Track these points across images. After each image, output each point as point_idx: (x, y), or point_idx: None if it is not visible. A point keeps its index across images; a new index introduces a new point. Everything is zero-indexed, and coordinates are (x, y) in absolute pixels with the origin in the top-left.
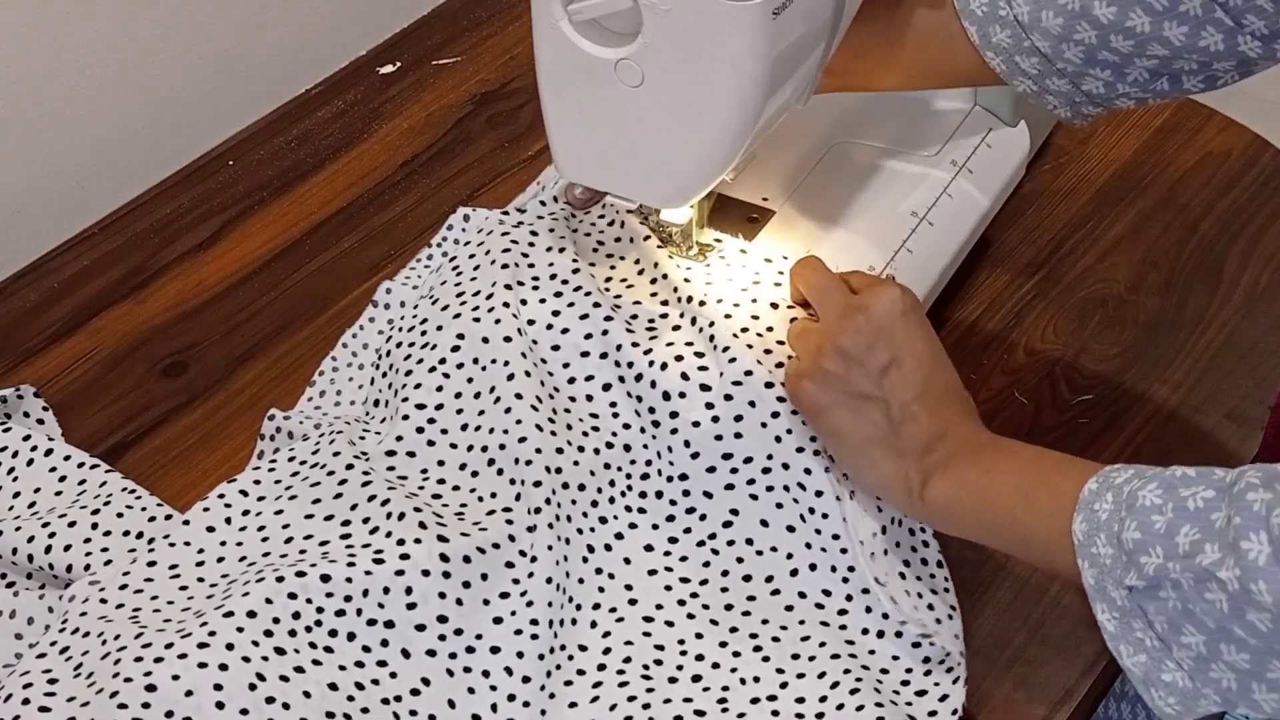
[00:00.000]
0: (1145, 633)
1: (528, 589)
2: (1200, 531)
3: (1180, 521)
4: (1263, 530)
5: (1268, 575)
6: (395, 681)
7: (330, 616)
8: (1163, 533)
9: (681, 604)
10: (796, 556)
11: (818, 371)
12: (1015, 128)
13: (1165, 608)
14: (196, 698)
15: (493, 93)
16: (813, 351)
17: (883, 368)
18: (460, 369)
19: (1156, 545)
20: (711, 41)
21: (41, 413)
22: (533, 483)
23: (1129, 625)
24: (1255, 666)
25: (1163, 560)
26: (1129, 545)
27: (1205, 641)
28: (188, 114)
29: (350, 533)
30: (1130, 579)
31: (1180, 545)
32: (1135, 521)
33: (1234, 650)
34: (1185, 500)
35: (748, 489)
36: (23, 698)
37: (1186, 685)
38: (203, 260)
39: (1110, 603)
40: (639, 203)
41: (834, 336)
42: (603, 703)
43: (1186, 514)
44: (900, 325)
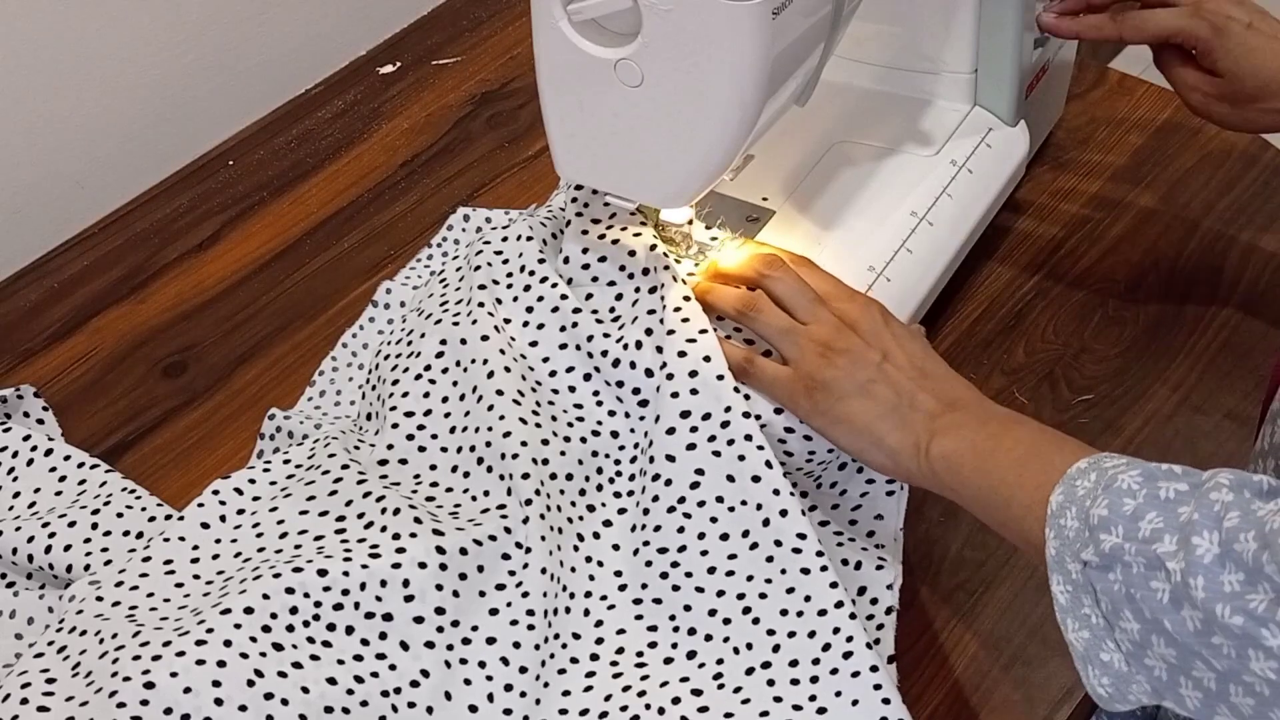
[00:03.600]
0: (1092, 609)
1: (523, 580)
2: (1164, 521)
3: (1148, 508)
4: (1215, 530)
5: (1208, 574)
6: (394, 674)
7: (328, 610)
8: (1128, 515)
9: (664, 576)
10: (766, 506)
11: (818, 377)
12: (1015, 128)
13: (1111, 589)
14: (195, 695)
15: (493, 93)
16: (809, 356)
17: (883, 356)
18: (445, 374)
19: (1119, 525)
20: (711, 41)
21: (41, 413)
22: (521, 475)
23: (1079, 600)
24: (1181, 663)
25: (1120, 540)
26: (1094, 521)
27: (1140, 630)
28: (188, 114)
29: (345, 528)
30: (1087, 554)
31: (1141, 530)
32: (1107, 500)
33: (1163, 644)
34: (1159, 490)
35: (709, 446)
36: (21, 697)
37: (1121, 668)
38: (203, 260)
39: (1065, 575)
40: (639, 203)
41: (832, 340)
42: (597, 692)
43: (1156, 503)
44: (887, 330)
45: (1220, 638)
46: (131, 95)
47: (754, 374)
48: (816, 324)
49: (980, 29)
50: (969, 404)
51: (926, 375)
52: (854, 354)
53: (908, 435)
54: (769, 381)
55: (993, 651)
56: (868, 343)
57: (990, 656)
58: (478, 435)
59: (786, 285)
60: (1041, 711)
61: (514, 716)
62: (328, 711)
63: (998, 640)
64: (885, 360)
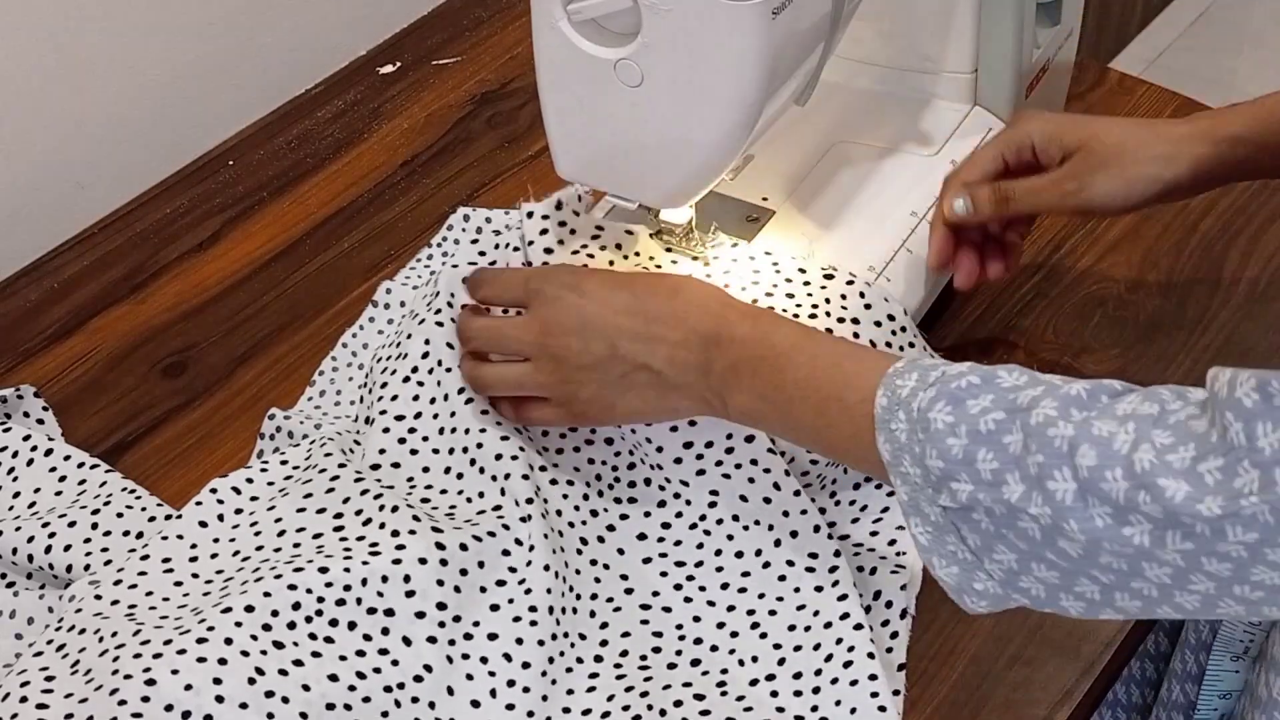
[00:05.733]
0: (958, 546)
1: (525, 577)
2: (997, 459)
3: (975, 446)
4: (1067, 468)
5: (1076, 514)
6: (396, 669)
7: (331, 606)
8: (961, 458)
9: (678, 588)
10: (777, 527)
11: (581, 401)
12: None
13: (978, 528)
14: (196, 692)
15: (493, 93)
16: (558, 388)
17: (610, 348)
18: (430, 374)
19: (961, 472)
20: (711, 41)
21: (41, 413)
22: (520, 475)
23: (942, 540)
24: (1064, 581)
25: (972, 488)
26: (935, 473)
27: (1017, 559)
28: (188, 114)
29: (344, 525)
30: (943, 500)
31: (982, 472)
32: (935, 450)
33: (1044, 569)
34: (976, 422)
35: (719, 470)
36: (20, 696)
37: (997, 592)
38: (203, 260)
39: (924, 518)
40: (639, 203)
41: (558, 367)
42: (600, 693)
43: (980, 438)
44: (587, 306)
45: (1108, 558)
46: (131, 95)
47: (533, 424)
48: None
49: (980, 29)
50: (722, 338)
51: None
52: (586, 363)
53: (696, 401)
54: (549, 425)
55: (993, 651)
56: (585, 340)
57: (990, 656)
58: (469, 436)
59: (481, 334)
60: (1041, 711)
61: (517, 712)
62: (329, 708)
63: (998, 640)
64: (615, 347)
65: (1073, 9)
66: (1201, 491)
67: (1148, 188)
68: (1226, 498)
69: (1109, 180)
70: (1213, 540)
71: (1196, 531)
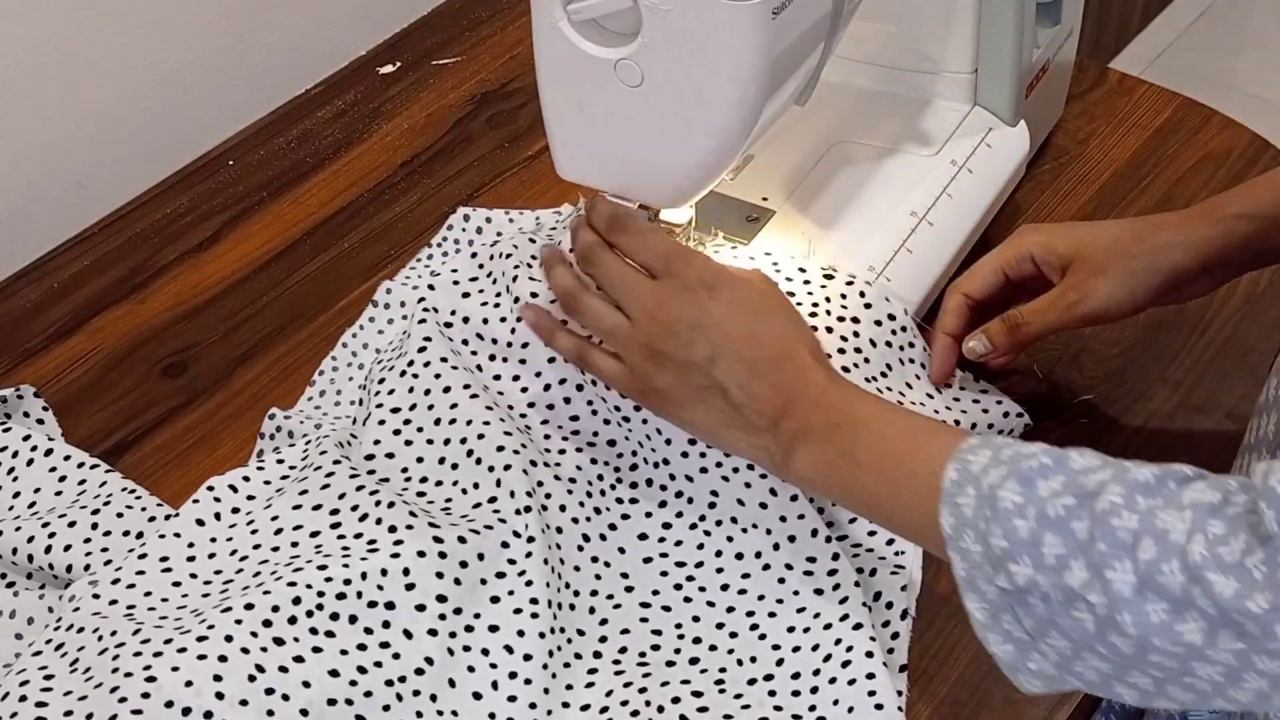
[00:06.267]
0: (1014, 626)
1: (525, 569)
2: (1063, 545)
3: (1043, 530)
4: (1127, 559)
5: (1132, 607)
6: (398, 663)
7: (331, 600)
8: (1027, 541)
9: (678, 588)
10: (775, 531)
11: (652, 384)
12: (1015, 128)
13: (1034, 612)
14: (196, 689)
15: (493, 93)
16: (639, 360)
17: (709, 359)
18: (427, 367)
19: (1024, 555)
20: (711, 41)
21: (41, 413)
22: (520, 470)
23: (998, 618)
24: (1116, 673)
25: (1032, 572)
26: (997, 552)
27: (1070, 648)
28: (188, 114)
29: (340, 520)
30: (1001, 581)
31: (1046, 557)
32: (1000, 529)
33: (1097, 660)
34: (1045, 505)
35: (718, 471)
36: (19, 695)
37: (1051, 674)
38: (203, 260)
39: (980, 595)
40: (639, 203)
41: (654, 342)
42: (599, 689)
43: (1048, 523)
44: (712, 310)
45: (1158, 656)
46: (131, 95)
47: (591, 368)
48: (639, 319)
49: (980, 29)
50: (803, 401)
51: (757, 364)
52: (678, 359)
53: (757, 448)
54: (607, 380)
55: None
56: (692, 339)
57: (990, 656)
58: (469, 428)
59: (606, 271)
60: (1041, 712)
61: (518, 704)
62: (330, 704)
63: None
64: (713, 361)
65: (1073, 9)
66: (1250, 587)
67: (1150, 280)
68: (1274, 593)
69: (1109, 283)
70: (1263, 640)
71: (1247, 630)
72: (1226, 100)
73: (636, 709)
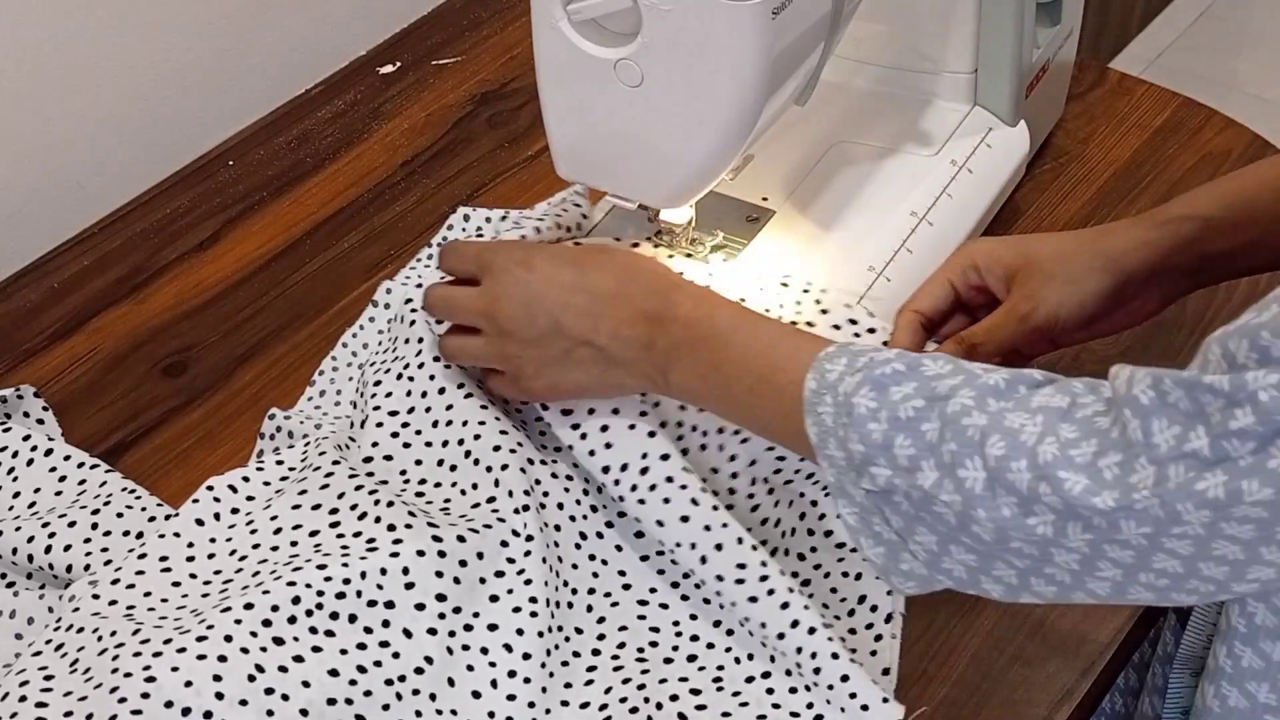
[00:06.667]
0: (883, 527)
1: (525, 567)
2: (914, 445)
3: (894, 433)
4: (978, 456)
5: (985, 503)
6: (398, 662)
7: (330, 600)
8: (881, 444)
9: (675, 586)
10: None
11: (523, 369)
12: (1015, 128)
13: (900, 510)
14: (196, 689)
15: (493, 93)
16: (504, 362)
17: (555, 323)
18: (422, 369)
19: (880, 457)
20: (711, 41)
21: (41, 413)
22: (518, 469)
23: (869, 521)
24: (982, 565)
25: (890, 473)
26: (857, 457)
27: (937, 541)
28: (188, 114)
29: (340, 520)
30: (865, 484)
31: (899, 458)
32: (857, 434)
33: (962, 551)
34: (897, 409)
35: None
36: (19, 695)
37: (922, 573)
38: (203, 260)
39: (850, 499)
40: (639, 203)
41: (502, 337)
42: (597, 685)
43: (899, 425)
44: (534, 280)
45: (1018, 543)
46: (131, 95)
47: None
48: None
49: (980, 29)
50: (665, 316)
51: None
52: (529, 339)
53: (639, 377)
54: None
55: (993, 651)
56: (530, 316)
57: (990, 656)
58: (465, 429)
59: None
60: (1041, 711)
61: (518, 703)
62: (330, 703)
63: (998, 640)
64: (558, 325)
65: (1073, 9)
66: (1099, 485)
67: (1099, 285)
68: (1121, 492)
69: (1058, 289)
70: (1109, 532)
71: (1095, 524)
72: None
73: (635, 706)
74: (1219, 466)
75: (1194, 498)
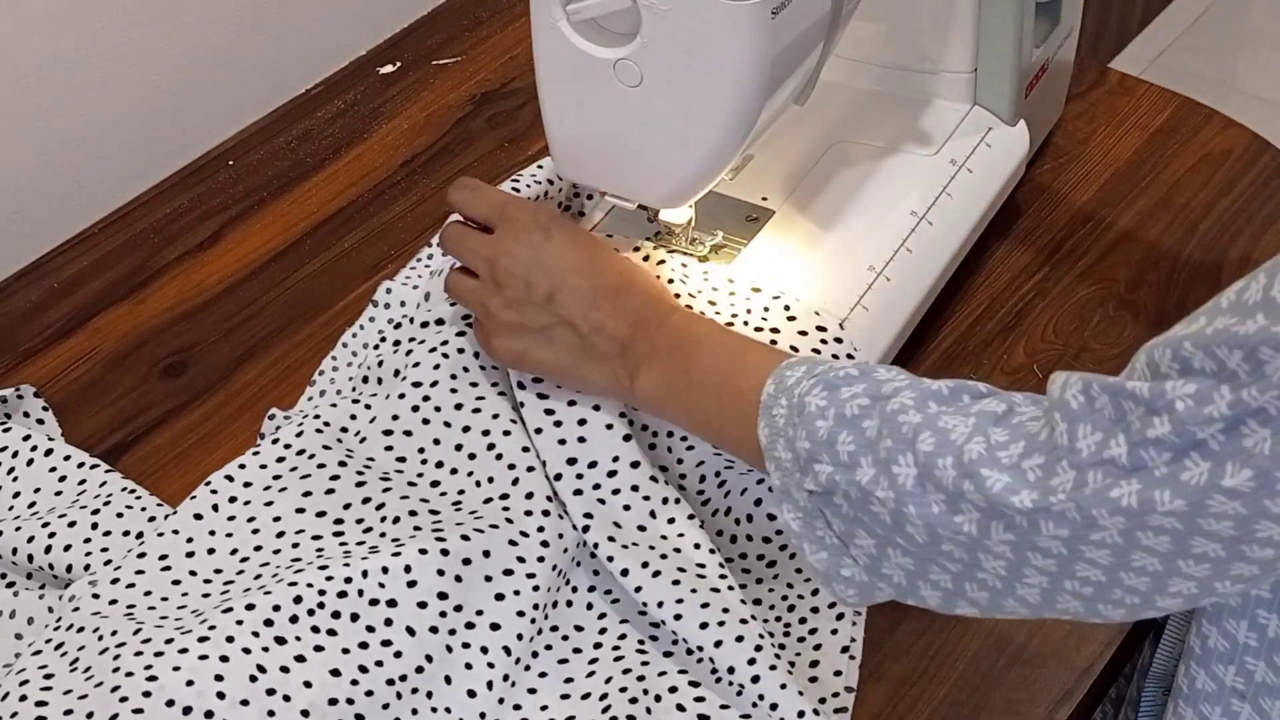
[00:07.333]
0: (825, 532)
1: (535, 571)
2: (854, 442)
3: (839, 429)
4: (910, 453)
5: (915, 499)
6: (400, 661)
7: (332, 599)
8: (825, 439)
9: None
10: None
11: (497, 326)
12: (1015, 127)
13: (840, 512)
14: (197, 688)
15: (493, 93)
16: (483, 308)
17: (548, 295)
18: (461, 354)
19: (823, 453)
20: (710, 41)
21: (41, 413)
22: (526, 468)
23: (812, 525)
24: (919, 569)
25: (832, 469)
26: (802, 454)
27: (875, 545)
28: (188, 114)
29: (343, 530)
30: (808, 484)
31: (840, 454)
32: (805, 431)
33: (899, 554)
34: (844, 405)
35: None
36: (20, 694)
37: (863, 579)
38: (203, 260)
39: (794, 503)
40: (638, 203)
41: (494, 289)
42: (598, 677)
43: (844, 421)
44: (547, 248)
45: (949, 545)
46: (132, 95)
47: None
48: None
49: (980, 29)
50: (648, 325)
51: (598, 293)
52: (520, 300)
53: (608, 376)
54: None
55: (993, 651)
56: (531, 279)
57: (990, 656)
58: (495, 421)
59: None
60: (1041, 711)
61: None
62: (332, 703)
63: (998, 640)
64: (552, 297)
65: (1073, 9)
66: (1020, 485)
67: None
68: (1041, 493)
69: None
70: (1030, 533)
71: (1016, 524)
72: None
73: (634, 696)
74: (1134, 475)
75: (1108, 504)
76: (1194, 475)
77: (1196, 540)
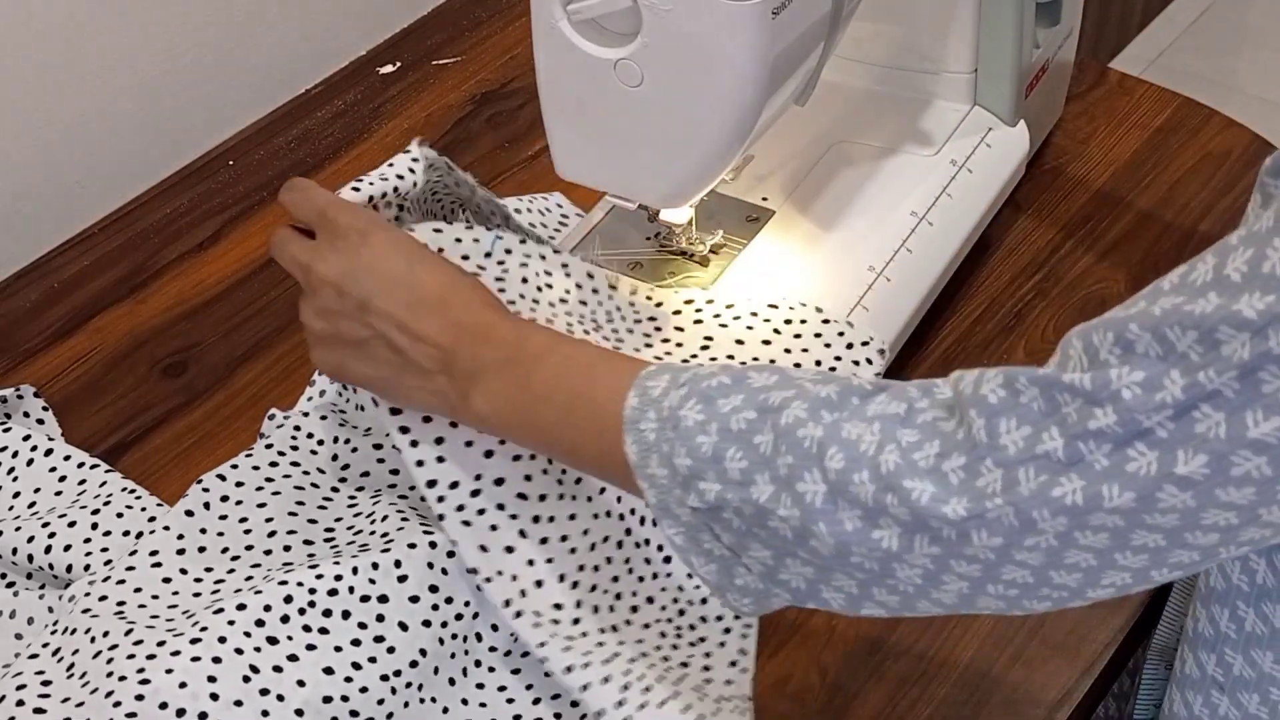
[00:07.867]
0: (714, 544)
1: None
2: (746, 458)
3: (726, 445)
4: (817, 469)
5: (826, 517)
6: (393, 656)
7: (323, 597)
8: (711, 457)
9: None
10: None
11: (312, 337)
12: (1015, 128)
13: (730, 526)
14: (191, 691)
15: (493, 93)
16: (309, 324)
17: (361, 305)
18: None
19: (709, 471)
20: (711, 41)
21: (41, 413)
22: None
23: (697, 539)
24: (820, 576)
25: (720, 488)
26: (684, 472)
27: (772, 556)
28: (188, 114)
29: (334, 537)
30: (692, 501)
31: (730, 471)
32: (685, 448)
33: (799, 564)
34: (728, 420)
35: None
36: (17, 699)
37: (758, 587)
38: (203, 260)
39: (675, 519)
40: (639, 203)
41: (310, 297)
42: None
43: (730, 436)
44: (363, 255)
45: (859, 558)
46: (131, 95)
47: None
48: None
49: (980, 29)
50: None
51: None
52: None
53: (432, 394)
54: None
55: (993, 651)
56: (343, 289)
57: (990, 656)
58: None
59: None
60: (1041, 711)
61: (509, 693)
62: (326, 701)
63: (998, 640)
64: (366, 308)
65: (1073, 9)
66: (947, 492)
67: None
68: (971, 499)
69: None
70: (959, 544)
71: (943, 536)
72: (1226, 100)
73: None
74: (1073, 470)
75: (1050, 504)
76: (1141, 465)
77: (1138, 534)
